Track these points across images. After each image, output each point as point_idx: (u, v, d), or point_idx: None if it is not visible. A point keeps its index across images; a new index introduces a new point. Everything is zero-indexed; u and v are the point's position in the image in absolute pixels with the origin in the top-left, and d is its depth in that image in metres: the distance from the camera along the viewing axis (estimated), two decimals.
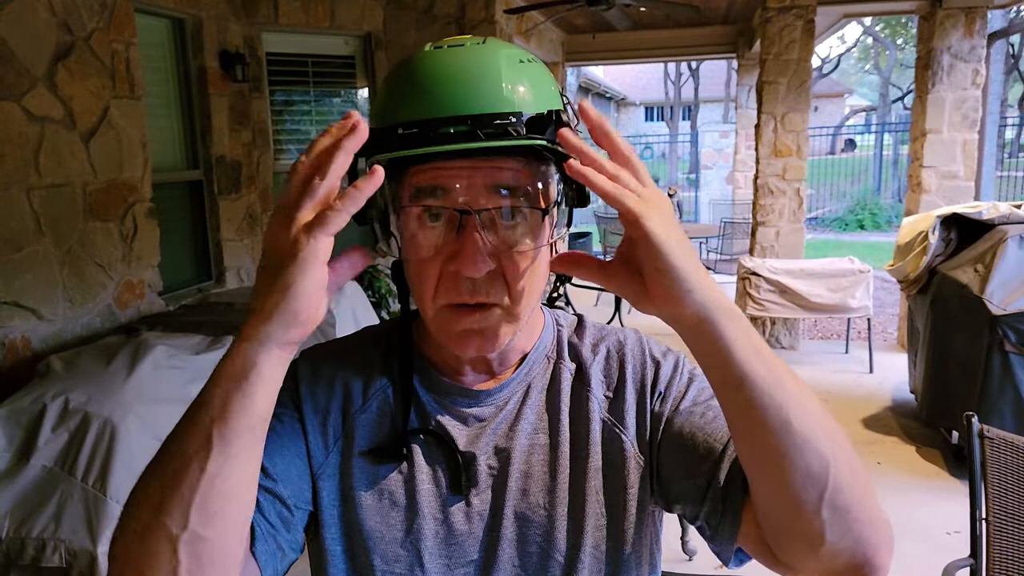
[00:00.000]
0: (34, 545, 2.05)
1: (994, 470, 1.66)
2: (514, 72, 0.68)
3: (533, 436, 0.79)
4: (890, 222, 13.70)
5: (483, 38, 0.72)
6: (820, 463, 0.61)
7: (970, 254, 3.66)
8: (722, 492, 0.71)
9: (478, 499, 0.77)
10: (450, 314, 0.71)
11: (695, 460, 0.74)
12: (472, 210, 0.67)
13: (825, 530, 0.62)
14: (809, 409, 0.62)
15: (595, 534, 0.77)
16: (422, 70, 0.68)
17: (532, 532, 0.76)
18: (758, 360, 0.62)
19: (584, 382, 0.81)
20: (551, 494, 0.77)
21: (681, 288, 0.60)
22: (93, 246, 3.17)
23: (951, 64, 5.05)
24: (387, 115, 0.68)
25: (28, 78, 2.83)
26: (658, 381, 0.80)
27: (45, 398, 2.27)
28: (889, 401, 4.53)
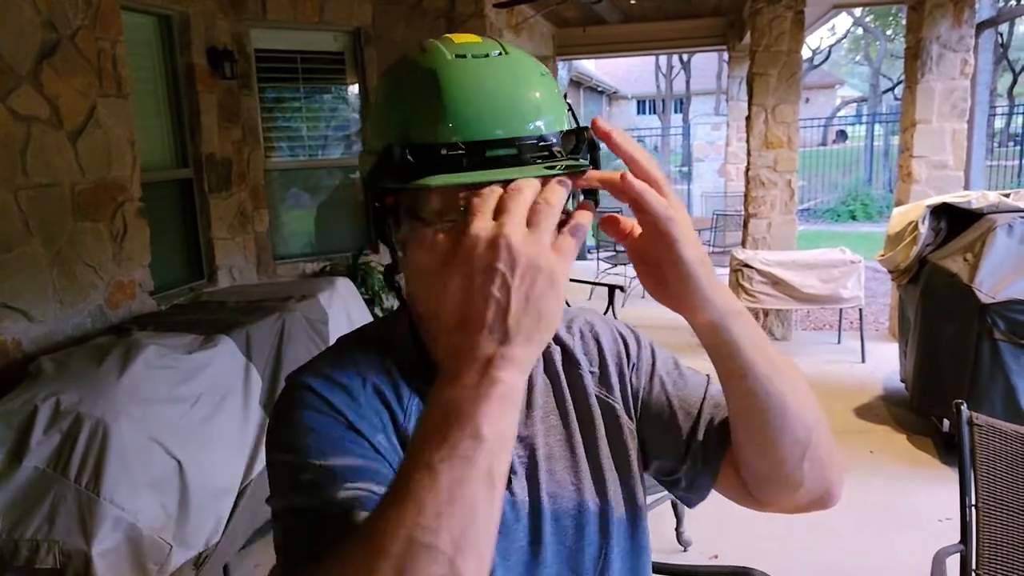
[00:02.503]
0: (28, 546, 2.04)
1: (983, 457, 1.67)
2: (541, 88, 0.70)
3: (546, 419, 0.84)
4: (881, 212, 13.75)
5: (499, 44, 0.71)
6: (805, 430, 0.75)
7: (960, 243, 3.68)
8: (702, 449, 0.83)
9: (518, 488, 0.80)
10: None
11: (675, 423, 0.85)
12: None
13: (804, 478, 0.77)
14: (798, 388, 0.75)
15: (616, 499, 0.84)
16: (454, 84, 0.67)
17: (565, 508, 0.81)
18: (760, 354, 0.72)
19: (573, 362, 0.87)
20: (575, 470, 0.83)
21: (699, 296, 0.68)
22: (83, 246, 3.15)
23: (940, 54, 5.06)
24: (420, 131, 0.67)
25: (13, 77, 2.81)
26: (630, 355, 0.89)
27: (36, 399, 2.26)
28: (881, 390, 4.55)
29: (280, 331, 3.02)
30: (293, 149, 5.12)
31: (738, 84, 10.27)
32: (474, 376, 0.56)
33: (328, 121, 5.32)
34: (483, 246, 0.57)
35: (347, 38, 5.06)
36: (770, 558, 1.73)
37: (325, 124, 5.30)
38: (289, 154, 5.10)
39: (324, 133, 5.30)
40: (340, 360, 0.79)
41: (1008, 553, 1.63)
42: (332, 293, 3.56)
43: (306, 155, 5.18)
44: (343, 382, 0.76)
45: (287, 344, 3.01)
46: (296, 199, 5.24)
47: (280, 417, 0.76)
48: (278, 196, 5.03)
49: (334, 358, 0.80)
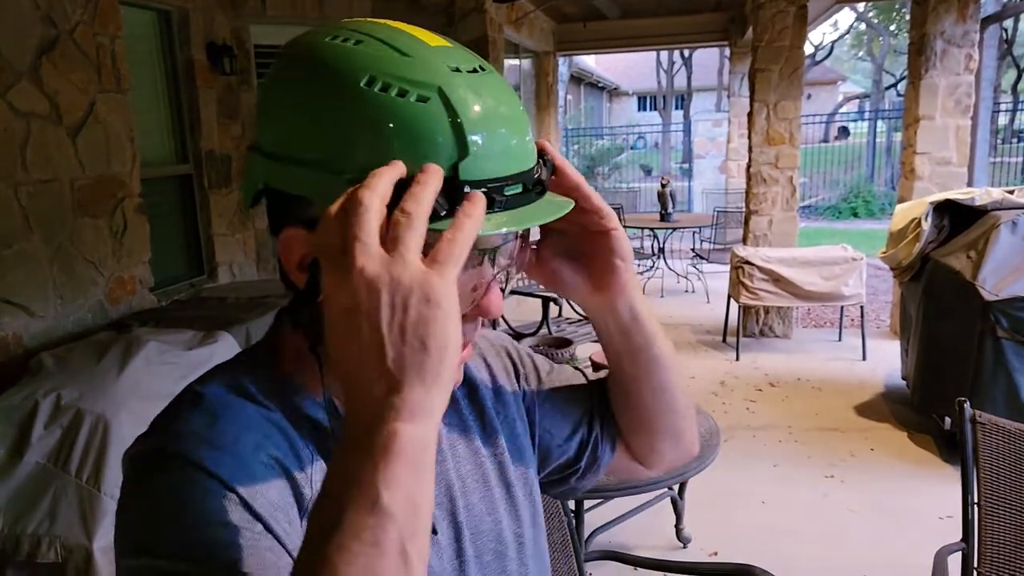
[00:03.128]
0: (29, 541, 2.05)
1: (986, 455, 1.66)
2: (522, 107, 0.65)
3: (453, 449, 0.78)
4: (883, 209, 13.71)
5: (476, 59, 0.61)
6: (682, 379, 0.84)
7: (963, 240, 3.66)
8: (601, 432, 0.88)
9: (441, 533, 0.73)
10: None
11: (573, 416, 0.88)
12: (492, 250, 0.62)
13: (686, 427, 0.87)
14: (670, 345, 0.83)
15: (527, 516, 0.83)
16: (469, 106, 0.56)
17: (486, 541, 0.78)
18: (653, 322, 0.79)
19: (471, 385, 0.83)
20: (488, 498, 0.79)
21: (628, 272, 0.74)
22: (83, 242, 3.15)
23: (944, 49, 5.04)
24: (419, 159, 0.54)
25: (12, 72, 2.81)
26: (516, 365, 0.89)
27: (37, 395, 2.26)
28: (882, 388, 4.54)
29: None
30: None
31: (740, 80, 10.24)
32: (364, 436, 0.47)
33: None
34: (335, 289, 0.48)
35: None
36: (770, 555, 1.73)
37: None
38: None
39: None
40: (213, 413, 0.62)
41: (1010, 552, 1.62)
42: None
43: None
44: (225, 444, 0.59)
45: None
46: None
47: (139, 505, 0.58)
48: None
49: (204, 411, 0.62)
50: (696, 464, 2.30)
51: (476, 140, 0.56)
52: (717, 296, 6.61)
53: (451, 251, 0.49)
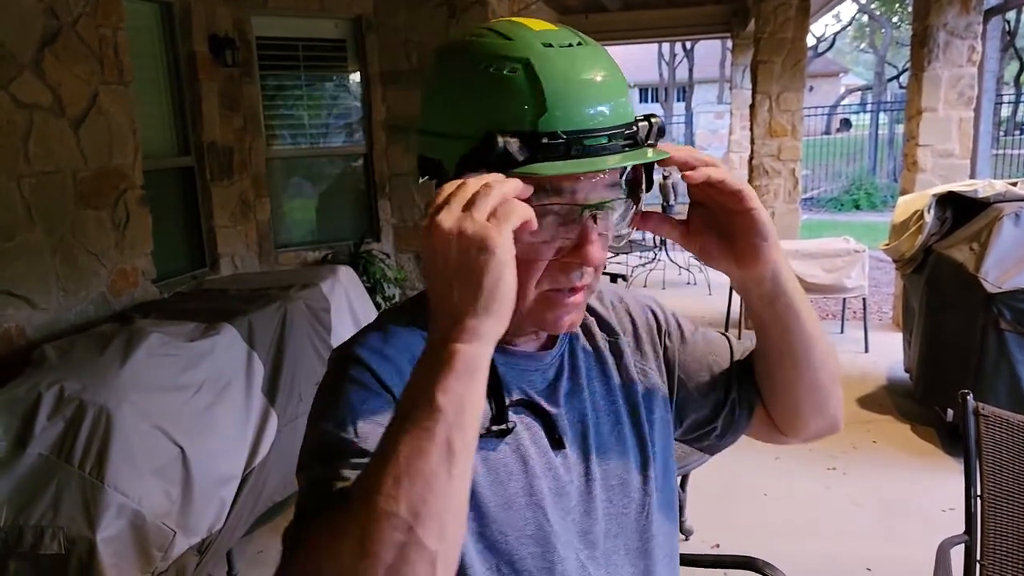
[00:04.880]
0: (32, 532, 2.05)
1: (989, 447, 1.66)
2: (621, 77, 0.74)
3: (591, 386, 0.89)
4: (886, 202, 13.68)
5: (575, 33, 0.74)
6: (828, 348, 0.88)
7: (965, 232, 3.66)
8: (739, 396, 0.94)
9: (571, 450, 0.84)
10: (551, 299, 0.77)
11: (712, 377, 0.95)
12: (594, 205, 0.72)
13: (829, 399, 0.91)
14: (817, 319, 0.87)
15: (654, 458, 0.90)
16: (551, 73, 0.69)
17: (612, 467, 0.87)
18: (800, 295, 0.84)
19: (611, 332, 0.94)
20: (619, 433, 0.89)
21: (771, 249, 0.78)
22: (85, 234, 3.15)
23: (947, 41, 5.02)
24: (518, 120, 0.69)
25: (14, 64, 2.80)
26: (660, 323, 0.97)
27: (40, 386, 2.26)
28: (884, 380, 4.54)
29: (282, 319, 3.02)
30: (295, 137, 5.11)
31: (742, 72, 10.22)
32: (431, 353, 0.62)
33: (329, 109, 5.30)
34: (424, 237, 0.63)
35: (348, 25, 5.03)
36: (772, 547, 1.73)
37: (327, 112, 5.28)
38: (291, 142, 5.09)
39: (325, 121, 5.28)
40: (387, 334, 0.81)
41: (1013, 544, 1.62)
42: (334, 281, 3.56)
43: (308, 143, 5.16)
44: (390, 355, 0.78)
45: (289, 332, 3.01)
46: (298, 187, 5.23)
47: (326, 387, 0.78)
48: (280, 184, 5.02)
49: (382, 332, 0.81)
50: (698, 457, 2.30)
51: (555, 100, 0.68)
52: (719, 288, 6.60)
53: (504, 211, 0.62)
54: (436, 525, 0.57)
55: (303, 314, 3.16)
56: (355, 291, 3.77)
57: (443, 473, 0.58)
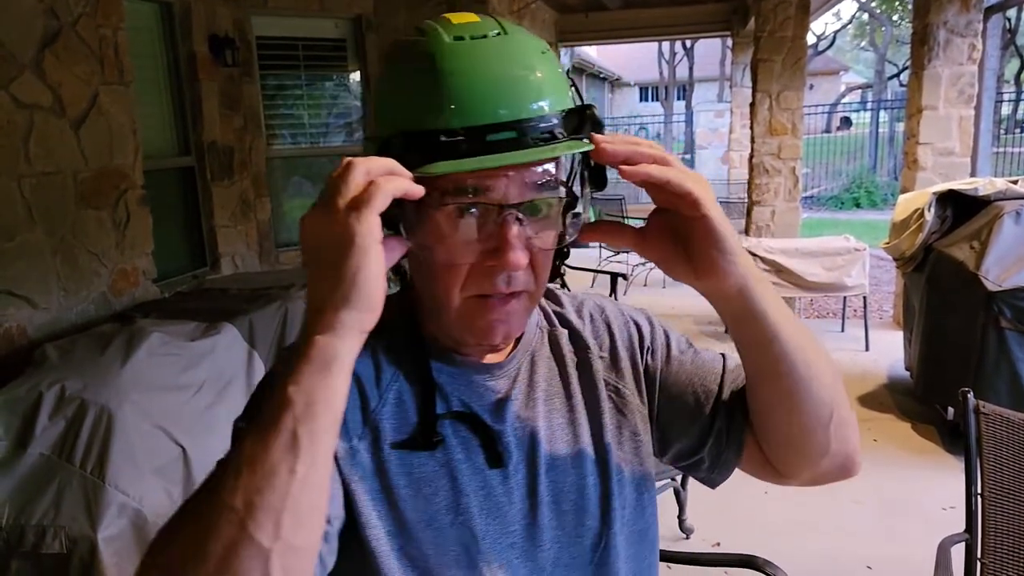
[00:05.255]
0: (34, 532, 2.05)
1: (989, 446, 1.66)
2: (542, 68, 0.69)
3: (549, 401, 0.83)
4: (886, 200, 13.68)
5: (498, 24, 0.70)
6: (828, 389, 0.76)
7: (966, 231, 3.65)
8: (726, 426, 0.84)
9: (513, 469, 0.78)
10: (478, 305, 0.72)
11: (696, 402, 0.85)
12: (512, 205, 0.68)
13: (831, 441, 0.78)
14: (816, 347, 0.76)
15: (619, 483, 0.82)
16: (453, 68, 0.66)
17: (565, 492, 0.80)
18: (783, 317, 0.73)
19: (581, 346, 0.87)
20: (576, 452, 0.82)
21: (729, 264, 0.69)
22: (86, 234, 3.15)
23: (947, 39, 5.01)
24: (418, 118, 0.66)
25: (15, 65, 2.80)
26: (643, 338, 0.89)
27: (41, 386, 2.26)
28: (885, 379, 4.54)
29: (283, 318, 3.02)
30: (295, 137, 5.11)
31: (742, 70, 10.21)
32: (295, 343, 0.61)
33: (329, 108, 5.30)
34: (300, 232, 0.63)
35: (348, 25, 5.03)
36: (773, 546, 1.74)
37: (327, 111, 5.28)
38: (291, 142, 5.09)
39: (326, 120, 5.28)
40: None
41: (1013, 542, 1.63)
42: None
43: (308, 143, 5.17)
44: None
45: (290, 331, 3.01)
46: (298, 187, 5.23)
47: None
48: (280, 184, 5.03)
49: None
50: None
51: (456, 96, 0.65)
52: None
53: (363, 198, 0.59)
54: (270, 522, 0.55)
55: (304, 314, 3.16)
56: None
57: (284, 468, 0.56)
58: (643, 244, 0.72)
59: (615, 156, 0.66)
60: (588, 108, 0.69)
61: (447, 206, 0.68)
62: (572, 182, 0.73)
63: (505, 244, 0.68)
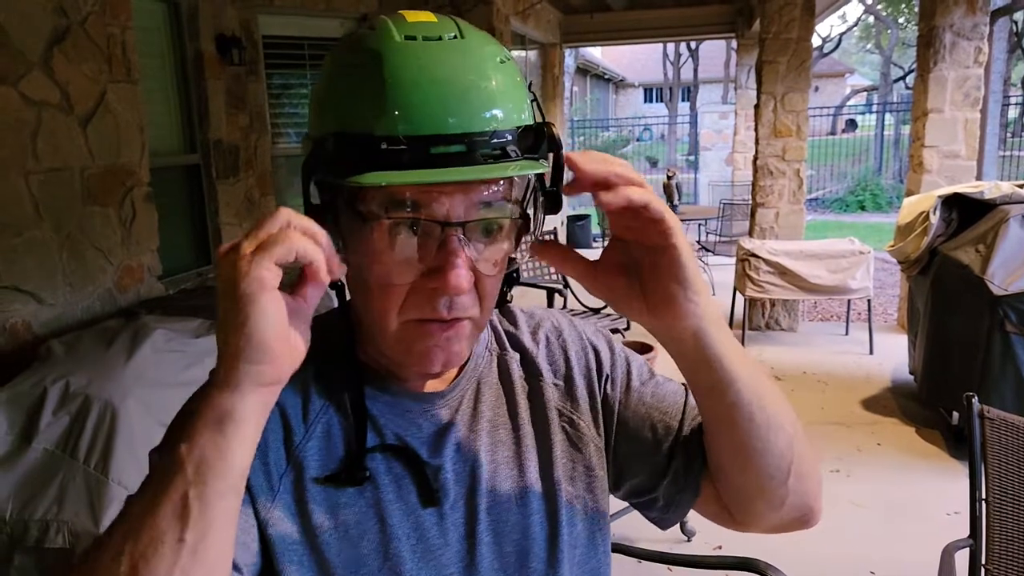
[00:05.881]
0: (37, 527, 2.06)
1: (994, 451, 1.66)
2: (500, 77, 0.63)
3: (494, 432, 0.76)
4: (891, 203, 13.67)
5: (455, 25, 0.64)
6: (787, 440, 0.71)
7: (971, 234, 3.65)
8: (684, 465, 0.78)
9: (451, 508, 0.73)
10: (417, 330, 0.66)
11: (654, 438, 0.79)
12: (456, 223, 0.62)
13: (789, 492, 0.72)
14: (774, 393, 0.71)
15: (570, 522, 0.76)
16: (399, 70, 0.60)
17: (508, 532, 0.74)
18: (740, 362, 0.67)
19: (533, 372, 0.81)
20: (522, 489, 0.75)
21: (688, 301, 0.63)
22: (92, 230, 3.16)
23: (953, 42, 5.00)
24: (358, 119, 0.60)
25: (24, 62, 2.81)
26: (602, 365, 0.82)
27: (46, 381, 2.27)
28: (889, 382, 4.53)
29: None
30: (300, 136, 5.11)
31: (747, 72, 10.20)
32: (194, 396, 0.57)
33: None
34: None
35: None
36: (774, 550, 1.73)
37: None
38: (296, 140, 5.09)
39: None
40: None
41: (1018, 548, 1.62)
42: None
43: None
44: None
45: None
46: None
47: None
48: (285, 182, 5.03)
49: None
50: None
51: (399, 100, 0.59)
52: (723, 289, 6.59)
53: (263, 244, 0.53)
54: None
55: None
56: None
57: (171, 536, 0.52)
58: (593, 277, 0.66)
59: (591, 176, 0.58)
60: (547, 125, 0.64)
61: (384, 220, 0.62)
62: (526, 203, 0.67)
63: (447, 265, 0.62)
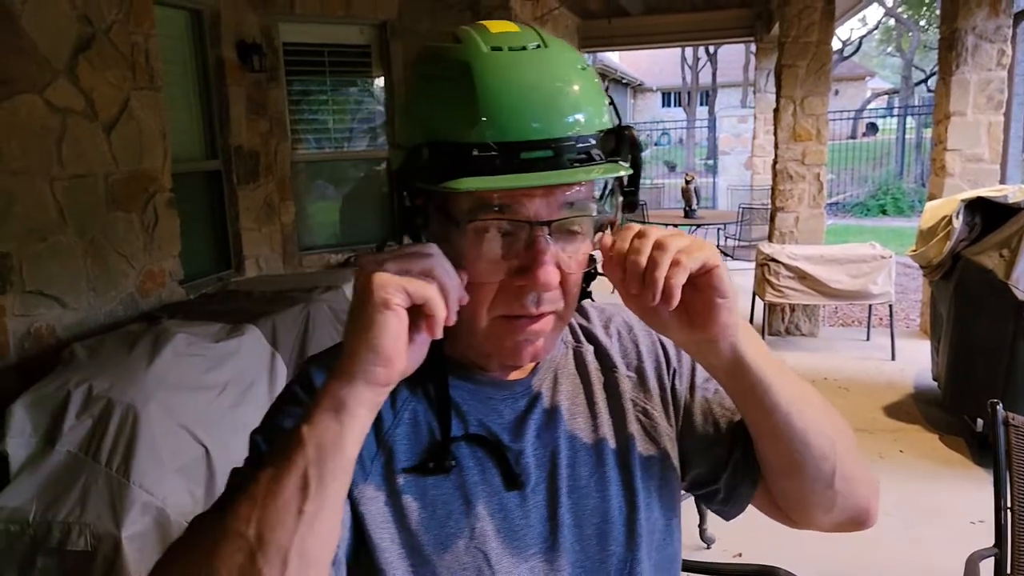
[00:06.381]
0: (60, 529, 2.08)
1: (1019, 458, 1.63)
2: (582, 83, 0.67)
3: (572, 420, 0.80)
4: (913, 207, 13.50)
5: (537, 35, 0.68)
6: (828, 443, 0.74)
7: (995, 239, 3.59)
8: (742, 460, 0.81)
9: (532, 491, 0.76)
10: (506, 325, 0.71)
11: (716, 432, 0.82)
12: (543, 223, 0.66)
13: (836, 497, 0.76)
14: (813, 397, 0.75)
15: (647, 507, 0.79)
16: (489, 79, 0.64)
17: (588, 514, 0.77)
18: (774, 370, 0.71)
19: (608, 364, 0.84)
20: (601, 474, 0.78)
21: (727, 311, 0.67)
22: (115, 236, 3.20)
23: (976, 44, 4.94)
24: (449, 128, 0.65)
25: (49, 70, 2.86)
26: (670, 360, 0.86)
27: (69, 385, 2.30)
28: (911, 388, 4.48)
29: (305, 321, 3.05)
30: (319, 141, 5.15)
31: (766, 76, 10.14)
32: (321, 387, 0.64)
33: (354, 114, 5.34)
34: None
35: (373, 31, 5.07)
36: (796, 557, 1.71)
37: (351, 116, 5.32)
38: (315, 146, 5.13)
39: (350, 125, 5.32)
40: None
41: None
42: None
43: (332, 147, 5.21)
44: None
45: (312, 333, 3.03)
46: (322, 191, 5.27)
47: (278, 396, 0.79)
48: (304, 188, 5.07)
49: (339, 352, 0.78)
50: None
51: (490, 108, 0.63)
52: (742, 294, 6.53)
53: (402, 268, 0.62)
54: (278, 557, 0.58)
55: (326, 316, 3.19)
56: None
57: (293, 507, 0.59)
58: (628, 297, 0.69)
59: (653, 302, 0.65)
60: (626, 129, 0.68)
61: (475, 223, 0.66)
62: (604, 202, 0.72)
63: (536, 263, 0.66)
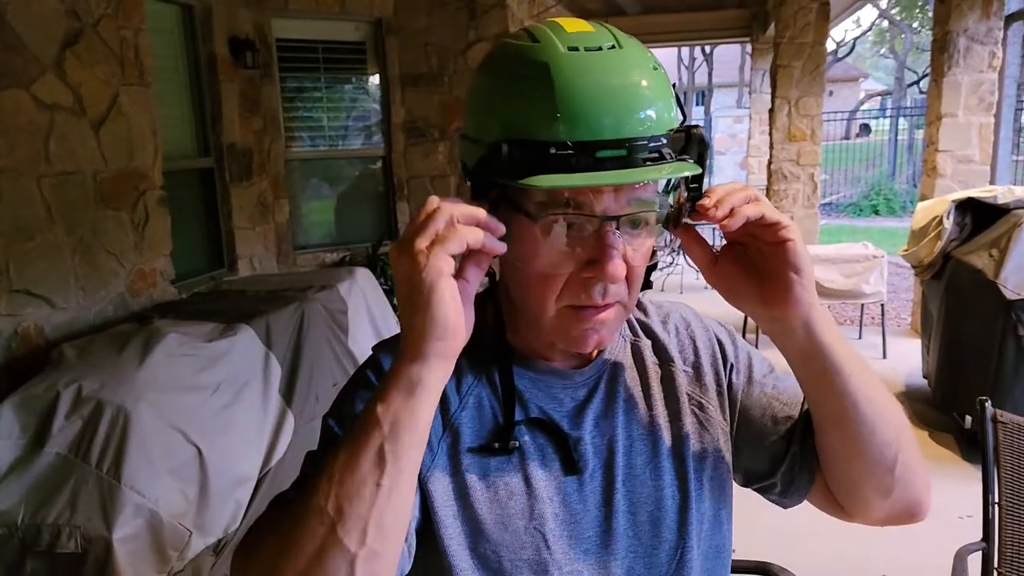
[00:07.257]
0: (49, 531, 2.07)
1: (1007, 455, 1.64)
2: (654, 84, 0.69)
3: (629, 410, 0.83)
4: (905, 207, 13.55)
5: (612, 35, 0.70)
6: (893, 429, 0.77)
7: (985, 239, 3.62)
8: (800, 454, 0.83)
9: (589, 476, 0.80)
10: (573, 315, 0.74)
11: (774, 426, 0.85)
12: (612, 217, 0.69)
13: (895, 484, 0.78)
14: (879, 384, 0.77)
15: (699, 498, 0.82)
16: (567, 80, 0.66)
17: (642, 502, 0.80)
18: (845, 351, 0.74)
19: (665, 358, 0.87)
20: (656, 463, 0.82)
21: (803, 289, 0.71)
22: (105, 234, 3.18)
23: (967, 47, 4.96)
24: (526, 126, 0.67)
25: (37, 65, 2.84)
26: (727, 356, 0.89)
27: (58, 385, 2.28)
28: (902, 386, 4.50)
29: (300, 321, 3.03)
30: (313, 139, 5.14)
31: (761, 76, 10.17)
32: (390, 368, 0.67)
33: (349, 111, 5.33)
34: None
35: (368, 28, 5.06)
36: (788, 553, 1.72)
37: (346, 114, 5.31)
38: (309, 144, 5.11)
39: (344, 123, 5.30)
40: None
41: None
42: (351, 283, 3.57)
43: (326, 145, 5.19)
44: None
45: (306, 333, 3.02)
46: (316, 189, 5.26)
47: (346, 382, 0.83)
48: (298, 186, 5.05)
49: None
50: None
51: (567, 107, 0.65)
52: None
53: (438, 239, 0.63)
54: (357, 529, 0.61)
55: (320, 315, 3.18)
56: (373, 293, 3.78)
57: (371, 481, 0.62)
58: (713, 271, 0.76)
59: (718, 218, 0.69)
60: (695, 127, 0.70)
61: (547, 217, 0.69)
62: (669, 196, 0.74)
63: (605, 256, 0.69)
